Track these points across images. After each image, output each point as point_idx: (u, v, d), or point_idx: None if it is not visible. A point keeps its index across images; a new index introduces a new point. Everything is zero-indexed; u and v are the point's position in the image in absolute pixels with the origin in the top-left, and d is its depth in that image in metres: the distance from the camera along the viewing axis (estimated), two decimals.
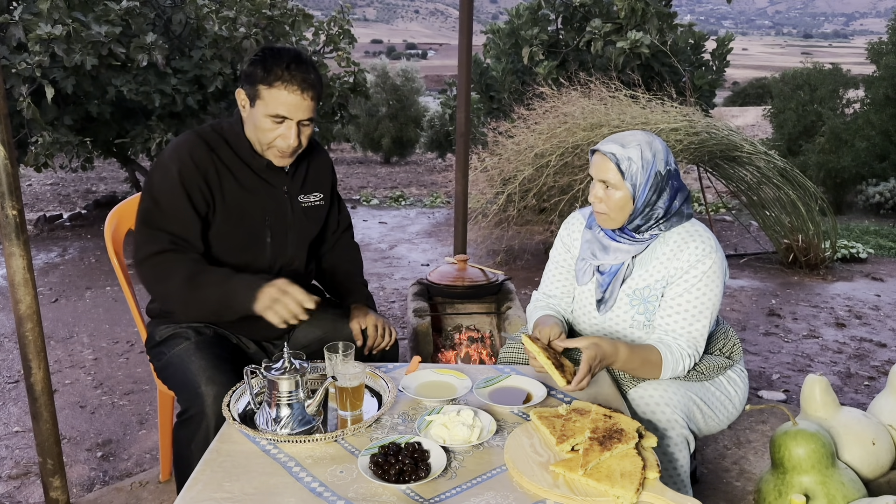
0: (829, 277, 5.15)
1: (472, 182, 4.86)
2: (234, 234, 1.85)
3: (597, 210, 1.81)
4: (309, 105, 1.75)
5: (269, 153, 1.81)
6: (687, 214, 1.82)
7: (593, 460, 1.33)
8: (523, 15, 7.23)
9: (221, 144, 1.84)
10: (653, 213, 1.77)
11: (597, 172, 1.77)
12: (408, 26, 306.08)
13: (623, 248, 1.82)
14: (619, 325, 1.86)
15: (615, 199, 1.75)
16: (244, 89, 1.77)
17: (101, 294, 4.67)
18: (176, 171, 1.76)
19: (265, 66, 1.71)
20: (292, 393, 1.52)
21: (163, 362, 1.86)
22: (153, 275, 1.75)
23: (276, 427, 1.50)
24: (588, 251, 1.89)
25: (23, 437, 2.78)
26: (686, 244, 1.79)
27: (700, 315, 1.77)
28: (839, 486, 1.77)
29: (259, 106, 1.74)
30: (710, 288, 1.77)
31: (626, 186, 1.73)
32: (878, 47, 12.37)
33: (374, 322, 2.00)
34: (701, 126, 4.76)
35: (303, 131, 1.79)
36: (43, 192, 10.74)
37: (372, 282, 4.94)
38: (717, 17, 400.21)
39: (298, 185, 1.96)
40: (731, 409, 1.91)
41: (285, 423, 1.50)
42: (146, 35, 5.56)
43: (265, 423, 1.52)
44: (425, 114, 17.05)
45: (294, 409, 1.52)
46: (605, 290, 1.85)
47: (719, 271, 1.78)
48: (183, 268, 1.72)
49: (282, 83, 1.70)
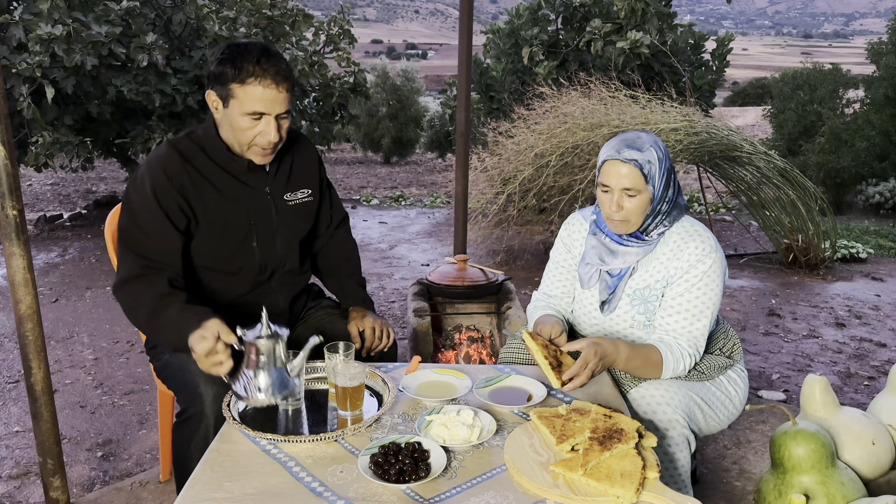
0: (829, 277, 5.15)
1: (472, 182, 4.86)
2: (219, 242, 1.82)
3: (615, 218, 1.76)
4: (285, 97, 1.70)
5: (250, 153, 1.76)
6: (684, 206, 1.84)
7: (593, 460, 1.33)
8: (523, 15, 7.24)
9: (197, 153, 1.78)
10: (661, 208, 1.77)
11: (618, 181, 1.71)
12: (408, 26, 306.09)
13: (632, 250, 1.81)
14: (620, 325, 1.86)
15: (637, 204, 1.73)
16: (214, 90, 1.71)
17: (101, 294, 4.67)
18: (150, 189, 1.71)
19: (234, 64, 1.65)
20: (271, 357, 1.53)
21: (162, 362, 1.86)
22: (125, 305, 1.74)
23: (254, 391, 1.52)
24: (595, 257, 1.87)
25: (23, 437, 2.78)
26: (686, 244, 1.79)
27: (700, 314, 1.77)
28: (839, 486, 1.77)
29: (234, 105, 1.68)
30: (710, 287, 1.77)
31: (648, 189, 1.72)
32: (878, 47, 12.38)
33: (372, 324, 1.98)
34: (701, 126, 4.76)
35: (282, 125, 1.73)
36: (43, 192, 10.74)
37: (372, 282, 4.93)
38: (717, 17, 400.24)
39: (282, 184, 1.91)
40: (732, 409, 1.91)
41: (265, 386, 1.52)
42: (146, 35, 5.57)
43: (242, 388, 1.53)
44: (425, 114, 17.07)
45: (273, 373, 1.54)
46: (611, 292, 1.85)
47: (719, 270, 1.78)
48: (147, 302, 1.69)
49: (255, 79, 1.64)
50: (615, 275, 1.85)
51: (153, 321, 1.69)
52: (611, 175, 1.73)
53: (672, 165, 1.78)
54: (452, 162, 13.63)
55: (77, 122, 6.10)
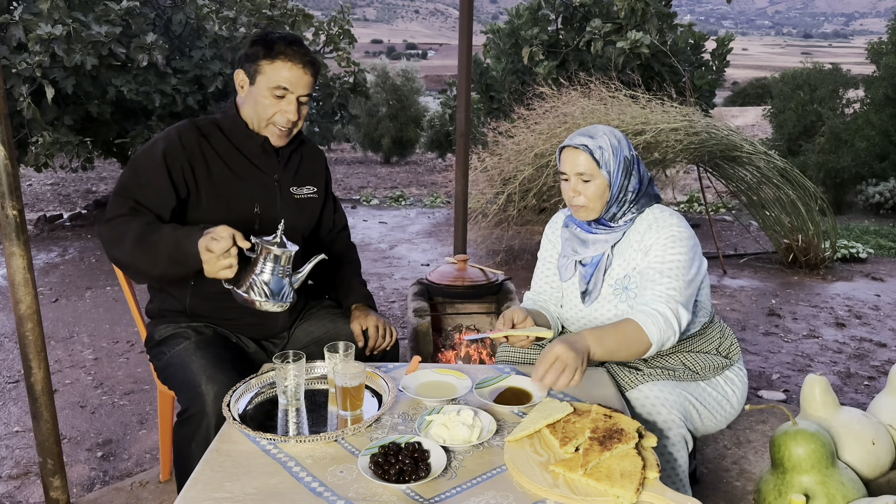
0: (828, 277, 5.15)
1: (472, 182, 4.86)
2: (221, 220, 1.81)
3: (575, 204, 1.83)
4: (309, 81, 1.81)
5: (268, 130, 1.84)
6: (654, 195, 1.88)
7: (593, 460, 1.33)
8: (523, 15, 7.24)
9: (214, 131, 1.87)
10: (625, 197, 1.82)
11: (571, 167, 1.81)
12: (408, 26, 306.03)
13: (601, 238, 1.86)
14: (605, 315, 1.87)
15: (593, 189, 1.79)
16: (244, 69, 1.83)
17: (101, 294, 4.67)
18: (161, 148, 1.78)
19: (267, 44, 1.78)
20: (279, 266, 1.61)
21: (163, 362, 1.86)
22: (109, 238, 1.71)
23: (261, 292, 1.59)
24: (569, 248, 1.93)
25: (23, 437, 2.78)
26: (652, 225, 1.82)
27: (672, 275, 1.73)
28: (839, 486, 1.77)
29: (260, 81, 1.79)
30: (678, 251, 1.75)
31: (601, 174, 1.78)
32: (878, 47, 12.37)
33: (375, 323, 2.00)
34: (701, 126, 4.76)
35: (301, 108, 1.84)
36: (43, 192, 10.74)
37: (372, 282, 4.93)
38: (717, 17, 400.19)
39: (291, 176, 1.97)
40: (730, 410, 1.91)
41: (271, 289, 1.59)
42: (146, 35, 5.57)
43: (248, 290, 1.60)
44: (425, 114, 17.05)
45: (280, 280, 1.61)
46: (588, 281, 1.88)
47: (686, 236, 1.78)
48: (135, 228, 1.68)
49: (285, 57, 1.77)
50: (587, 263, 1.89)
51: (142, 243, 1.66)
52: (566, 162, 1.82)
53: (635, 156, 1.84)
54: (452, 162, 13.63)
55: (77, 122, 6.10)
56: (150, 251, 1.65)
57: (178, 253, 1.62)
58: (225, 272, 1.57)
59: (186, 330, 1.86)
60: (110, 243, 1.71)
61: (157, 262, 1.66)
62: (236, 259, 1.57)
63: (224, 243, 1.54)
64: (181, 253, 1.61)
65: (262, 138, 1.86)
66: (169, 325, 1.90)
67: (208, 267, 1.57)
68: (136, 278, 1.85)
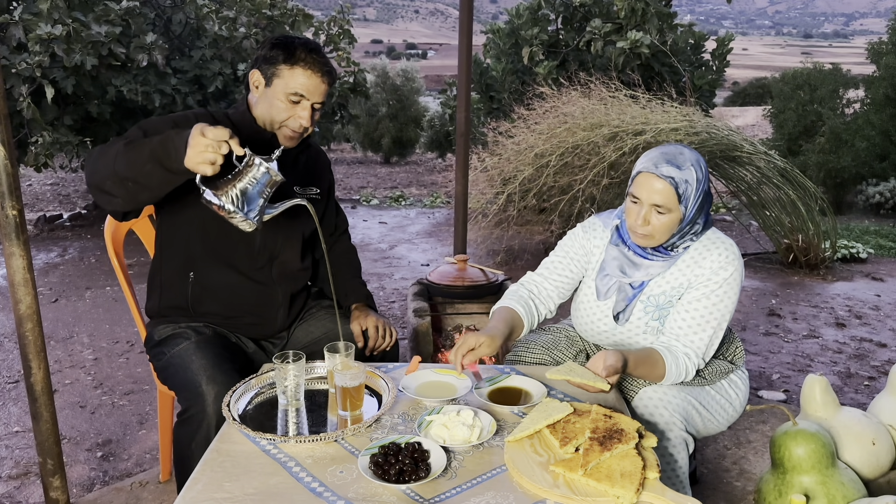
0: (829, 277, 5.15)
1: (472, 182, 4.86)
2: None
3: (640, 232, 1.72)
4: (325, 90, 1.83)
5: (280, 132, 1.85)
6: (710, 221, 1.82)
7: (593, 460, 1.33)
8: (523, 15, 7.23)
9: (225, 120, 1.88)
10: (692, 229, 1.75)
11: (648, 195, 1.66)
12: (408, 26, 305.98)
13: (656, 264, 1.79)
14: (633, 331, 1.84)
15: (665, 222, 1.69)
16: (260, 69, 1.82)
17: (101, 294, 4.67)
18: (173, 118, 1.80)
19: (288, 49, 1.79)
20: (264, 185, 1.55)
21: (163, 362, 1.86)
22: (95, 159, 1.62)
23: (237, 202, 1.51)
24: (615, 268, 1.83)
25: (23, 437, 2.78)
26: (709, 251, 1.77)
27: (713, 322, 1.74)
28: (839, 486, 1.77)
29: (277, 84, 1.79)
30: (727, 296, 1.75)
31: (679, 209, 1.68)
32: (878, 47, 12.37)
33: (375, 323, 2.01)
34: (701, 126, 4.76)
35: (315, 115, 1.85)
36: (43, 192, 10.74)
37: (372, 282, 4.93)
38: (717, 17, 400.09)
39: (295, 175, 1.97)
40: (731, 412, 1.91)
41: (236, 192, 1.52)
42: (146, 35, 5.56)
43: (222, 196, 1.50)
44: (425, 114, 17.04)
45: (257, 199, 1.55)
46: (629, 303, 1.83)
47: (739, 279, 1.76)
48: (121, 142, 1.61)
49: (305, 64, 1.78)
50: (636, 287, 1.82)
51: (128, 146, 1.57)
52: (643, 188, 1.67)
53: (709, 187, 1.74)
54: (452, 162, 13.62)
55: (77, 122, 6.10)
56: (133, 151, 1.56)
57: (161, 148, 1.52)
58: (205, 167, 1.47)
59: (186, 330, 1.86)
60: (99, 161, 1.60)
61: (135, 161, 1.54)
62: (222, 159, 1.49)
63: (221, 132, 1.47)
64: (164, 148, 1.52)
65: (269, 135, 1.87)
66: (169, 325, 1.90)
67: (192, 153, 1.47)
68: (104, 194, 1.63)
